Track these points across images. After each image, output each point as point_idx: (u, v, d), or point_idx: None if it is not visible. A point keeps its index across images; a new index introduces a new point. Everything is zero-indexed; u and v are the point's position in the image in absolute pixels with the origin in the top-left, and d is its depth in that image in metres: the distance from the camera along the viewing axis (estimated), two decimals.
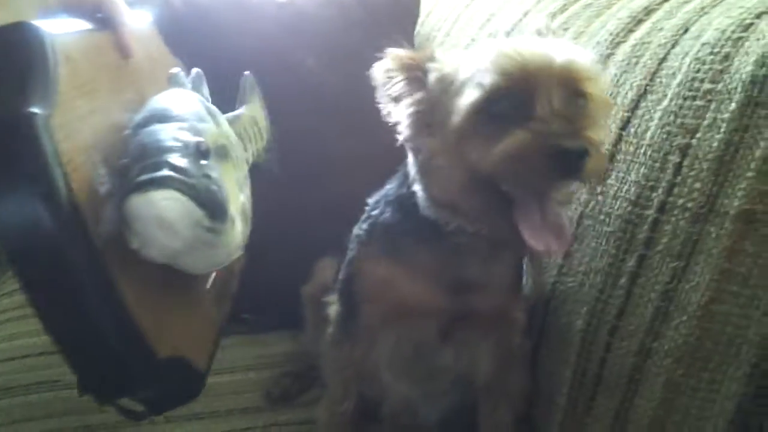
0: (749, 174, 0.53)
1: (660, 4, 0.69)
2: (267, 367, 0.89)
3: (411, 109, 0.59)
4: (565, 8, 0.82)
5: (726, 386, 0.53)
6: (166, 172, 0.49)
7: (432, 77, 0.59)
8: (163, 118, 0.55)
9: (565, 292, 0.68)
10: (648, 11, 0.70)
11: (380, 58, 0.61)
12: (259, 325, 0.96)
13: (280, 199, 0.94)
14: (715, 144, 0.56)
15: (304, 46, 0.98)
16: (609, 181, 0.65)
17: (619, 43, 0.70)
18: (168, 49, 0.74)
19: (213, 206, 0.51)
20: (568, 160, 0.51)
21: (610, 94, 0.67)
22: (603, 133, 0.58)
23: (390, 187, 0.69)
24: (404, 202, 0.64)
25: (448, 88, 0.57)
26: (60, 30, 0.49)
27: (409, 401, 0.73)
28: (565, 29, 0.79)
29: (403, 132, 0.60)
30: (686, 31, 0.63)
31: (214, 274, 0.63)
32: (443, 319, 0.65)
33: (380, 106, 0.62)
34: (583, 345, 0.65)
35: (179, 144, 0.52)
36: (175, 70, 0.62)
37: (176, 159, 0.50)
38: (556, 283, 0.69)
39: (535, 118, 0.52)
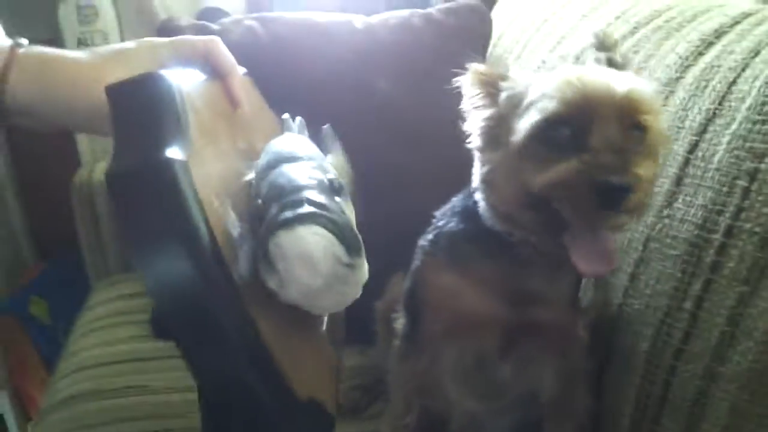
0: None
1: (731, 26, 0.69)
2: (340, 379, 0.92)
3: (482, 123, 0.62)
4: (636, 31, 0.82)
5: None
6: (309, 208, 0.48)
7: (503, 95, 0.62)
8: (291, 158, 0.55)
9: (630, 314, 0.68)
10: (719, 34, 0.69)
11: (452, 78, 0.64)
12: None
13: None
14: None
15: (376, 70, 1.01)
16: (676, 205, 0.65)
17: (688, 67, 0.70)
18: (256, 87, 0.76)
19: (351, 241, 0.50)
20: (611, 194, 0.53)
21: (678, 118, 0.67)
22: (656, 166, 0.59)
23: (456, 199, 0.72)
24: (469, 213, 0.67)
25: (515, 107, 0.60)
26: (183, 79, 0.51)
27: (475, 417, 0.75)
28: (635, 52, 0.79)
29: (473, 142, 0.64)
30: (757, 54, 0.63)
31: (326, 317, 0.64)
32: (504, 332, 0.66)
33: (460, 116, 0.65)
34: (647, 368, 0.65)
35: (315, 181, 0.52)
36: (286, 116, 0.64)
37: (315, 195, 0.50)
38: (622, 305, 0.70)
39: (588, 148, 0.54)
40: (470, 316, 0.67)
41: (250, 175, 0.55)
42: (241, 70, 0.67)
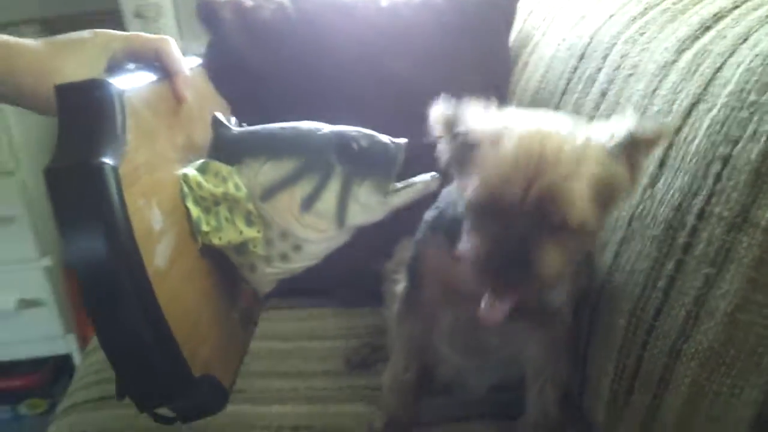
0: None
1: (730, 11, 0.69)
2: (352, 337, 1.00)
3: (444, 153, 0.66)
4: (645, 12, 0.82)
5: (747, 393, 0.55)
6: None
7: (457, 138, 0.64)
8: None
9: (611, 290, 0.71)
10: (717, 18, 0.70)
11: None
12: (350, 299, 1.07)
13: None
14: (754, 155, 0.56)
15: (399, 51, 1.05)
16: (658, 186, 0.67)
17: (683, 50, 0.70)
18: (214, 87, 0.81)
19: None
20: (500, 282, 0.59)
21: (668, 102, 0.68)
22: (570, 252, 0.59)
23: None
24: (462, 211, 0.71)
25: (464, 153, 0.63)
26: (128, 85, 0.56)
27: (460, 372, 0.81)
28: (641, 34, 0.80)
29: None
30: (746, 39, 0.64)
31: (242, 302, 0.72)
32: None
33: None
34: (624, 342, 0.68)
35: None
36: (219, 114, 0.68)
37: None
38: (605, 281, 0.72)
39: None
40: (461, 289, 0.72)
41: (183, 170, 0.61)
42: (196, 61, 0.71)
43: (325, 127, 0.64)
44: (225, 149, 0.65)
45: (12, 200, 1.51)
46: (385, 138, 0.64)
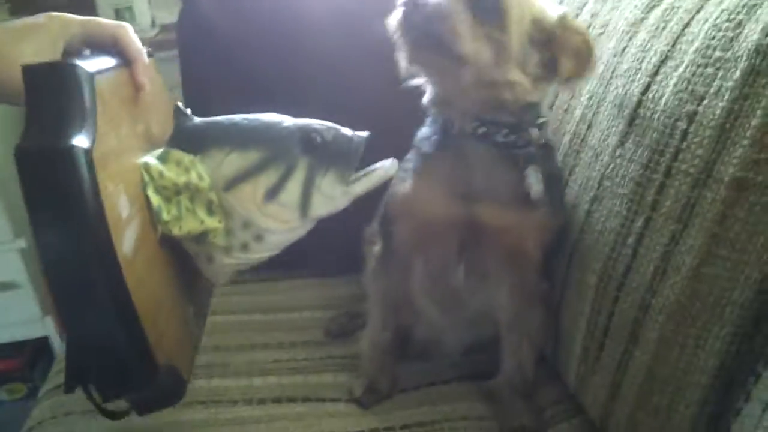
0: (745, 142, 0.54)
1: None
2: (330, 307, 1.01)
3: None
4: None
5: (710, 344, 0.56)
6: None
7: None
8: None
9: (583, 249, 0.72)
10: None
11: None
12: (328, 266, 1.07)
13: None
14: (718, 112, 0.57)
15: (372, 10, 1.04)
16: (627, 145, 0.67)
17: (653, 7, 0.70)
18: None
19: None
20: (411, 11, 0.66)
21: (637, 59, 0.69)
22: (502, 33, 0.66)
23: None
24: (431, 120, 0.76)
25: None
26: (96, 68, 0.54)
27: (436, 330, 0.83)
28: None
29: None
30: None
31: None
32: (460, 232, 0.73)
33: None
34: (595, 299, 0.69)
35: None
36: (179, 103, 0.68)
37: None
38: (578, 240, 0.73)
39: None
40: (429, 216, 0.74)
41: (145, 158, 0.60)
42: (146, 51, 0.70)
43: (287, 120, 0.65)
44: (187, 139, 0.64)
45: None
46: (347, 131, 0.65)
